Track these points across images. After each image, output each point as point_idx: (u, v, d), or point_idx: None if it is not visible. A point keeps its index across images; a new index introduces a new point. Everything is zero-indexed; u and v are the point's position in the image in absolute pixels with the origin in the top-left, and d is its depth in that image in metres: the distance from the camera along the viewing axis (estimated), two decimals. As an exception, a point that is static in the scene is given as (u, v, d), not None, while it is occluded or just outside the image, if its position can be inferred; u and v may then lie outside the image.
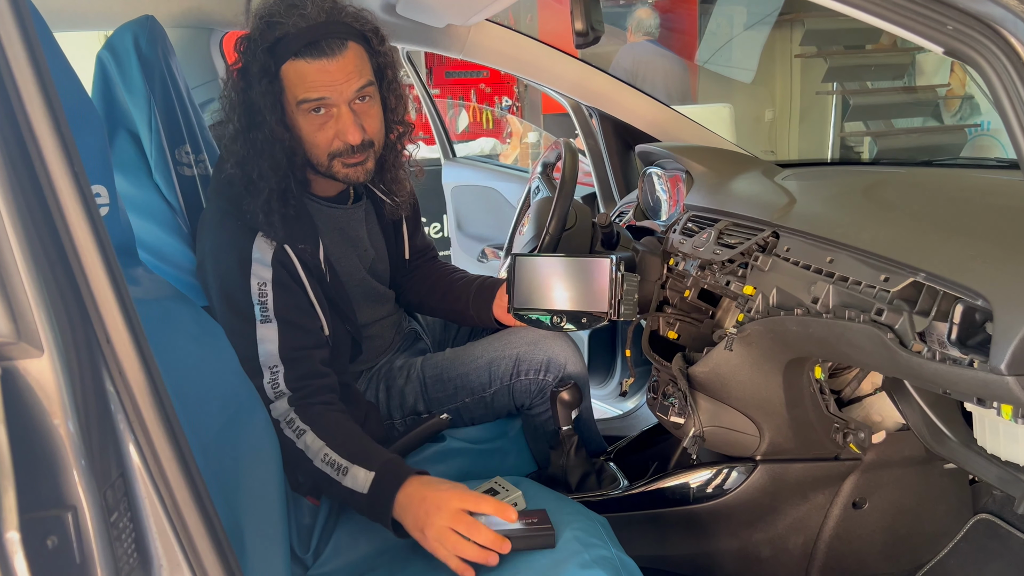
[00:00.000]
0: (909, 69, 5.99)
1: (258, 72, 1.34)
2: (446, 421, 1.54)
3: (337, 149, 1.41)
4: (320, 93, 1.36)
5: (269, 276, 1.38)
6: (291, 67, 1.36)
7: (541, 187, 2.00)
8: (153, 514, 0.68)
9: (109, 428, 0.66)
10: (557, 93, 2.31)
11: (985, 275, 0.95)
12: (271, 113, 1.35)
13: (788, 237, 1.32)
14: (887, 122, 5.96)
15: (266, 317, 1.37)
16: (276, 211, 1.38)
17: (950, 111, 5.80)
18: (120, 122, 1.51)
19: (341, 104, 1.38)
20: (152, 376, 0.68)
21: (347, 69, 1.37)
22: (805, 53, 6.22)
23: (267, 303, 1.37)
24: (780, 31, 6.57)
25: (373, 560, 1.29)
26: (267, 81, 1.34)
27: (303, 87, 1.36)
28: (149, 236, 1.50)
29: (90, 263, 0.65)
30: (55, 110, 0.64)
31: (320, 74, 1.35)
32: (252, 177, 1.37)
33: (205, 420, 1.10)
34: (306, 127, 1.40)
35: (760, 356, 1.36)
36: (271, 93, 1.35)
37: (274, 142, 1.37)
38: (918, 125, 5.94)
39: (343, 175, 1.45)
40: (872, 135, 5.93)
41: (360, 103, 1.41)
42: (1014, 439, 1.18)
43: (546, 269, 1.49)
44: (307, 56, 1.34)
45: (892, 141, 5.80)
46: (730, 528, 1.55)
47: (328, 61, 1.35)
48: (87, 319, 0.65)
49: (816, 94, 6.33)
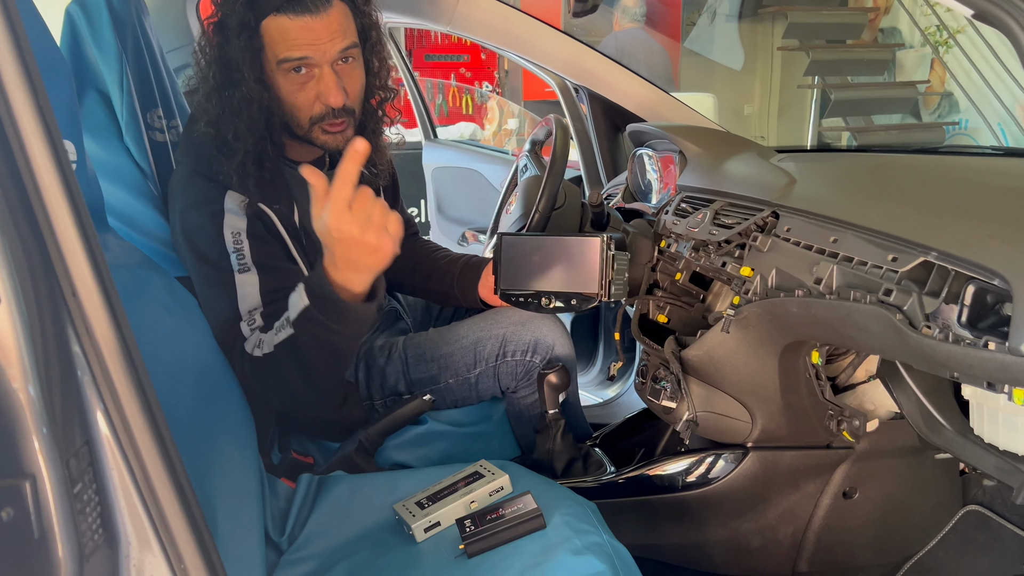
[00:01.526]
0: (890, 65, 6.01)
1: (236, 27, 1.27)
2: (428, 403, 1.49)
3: (319, 113, 1.35)
4: (302, 52, 1.30)
5: (243, 226, 1.32)
6: (272, 23, 1.29)
7: (529, 165, 1.94)
8: (122, 487, 0.62)
9: (73, 391, 0.59)
10: (545, 72, 2.26)
11: (1003, 254, 0.91)
12: (249, 70, 1.29)
13: (789, 217, 1.28)
14: (866, 118, 5.98)
15: (244, 266, 1.31)
16: (251, 173, 1.32)
17: (929, 108, 5.84)
18: (89, 81, 1.43)
19: (324, 64, 1.32)
20: (123, 335, 0.61)
21: (332, 28, 1.30)
22: (787, 46, 6.22)
23: (243, 251, 1.31)
24: (763, 24, 6.56)
25: (352, 545, 1.23)
26: (246, 36, 1.27)
27: (284, 44, 1.29)
28: (119, 202, 1.43)
29: (56, 210, 0.59)
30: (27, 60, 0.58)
31: (303, 31, 1.28)
32: (227, 137, 1.31)
33: (177, 395, 1.04)
34: (286, 87, 1.33)
35: (757, 339, 1.32)
36: (250, 49, 1.28)
37: (251, 101, 1.30)
38: (897, 121, 5.97)
39: (322, 142, 1.39)
40: (851, 130, 5.95)
41: (343, 64, 1.35)
42: (1013, 428, 1.16)
43: (534, 248, 1.44)
44: (290, 12, 1.28)
45: (871, 137, 5.82)
46: (719, 518, 1.52)
47: (312, 18, 1.28)
48: (51, 270, 0.59)
49: (797, 87, 6.34)
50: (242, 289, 1.30)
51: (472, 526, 1.14)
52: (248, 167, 1.31)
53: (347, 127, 1.39)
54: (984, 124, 5.22)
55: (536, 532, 1.13)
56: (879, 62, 5.99)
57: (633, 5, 5.26)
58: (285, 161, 1.45)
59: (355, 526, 1.26)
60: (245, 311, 1.30)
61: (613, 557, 1.08)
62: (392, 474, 1.38)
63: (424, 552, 1.16)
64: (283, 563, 1.20)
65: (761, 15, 6.38)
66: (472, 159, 3.08)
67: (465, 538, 1.12)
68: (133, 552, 0.63)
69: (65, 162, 0.60)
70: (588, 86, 2.15)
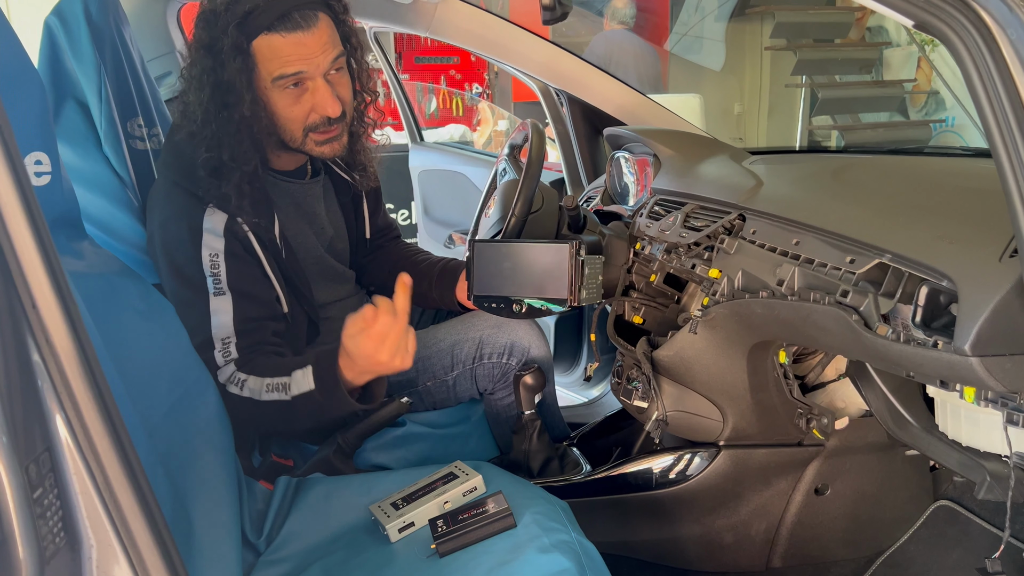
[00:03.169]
0: (877, 64, 6.04)
1: (229, 49, 1.28)
2: (406, 405, 1.50)
3: (313, 123, 1.37)
4: (297, 67, 1.32)
5: (221, 247, 1.34)
6: (264, 41, 1.30)
7: (508, 169, 1.96)
8: (83, 492, 0.64)
9: (33, 399, 0.62)
10: (526, 76, 2.28)
11: (951, 255, 0.94)
12: (247, 92, 1.30)
13: (754, 220, 1.30)
14: (854, 116, 6.01)
15: (219, 289, 1.33)
16: (247, 195, 1.35)
17: (916, 106, 5.87)
18: (68, 91, 1.45)
19: (317, 77, 1.34)
20: (83, 345, 0.63)
21: (322, 40, 1.33)
22: (775, 45, 6.25)
23: (220, 274, 1.34)
24: (751, 24, 6.59)
25: (328, 546, 1.25)
26: (240, 59, 1.29)
27: (278, 62, 1.31)
28: (97, 210, 1.44)
29: (14, 222, 0.61)
30: None
31: (296, 47, 1.31)
32: (223, 159, 1.32)
33: (153, 399, 1.06)
34: (281, 103, 1.35)
35: (725, 340, 1.34)
36: (244, 71, 1.30)
37: (250, 122, 1.32)
38: (884, 119, 6.00)
39: (318, 152, 1.42)
40: (839, 128, 5.98)
41: (335, 74, 1.37)
42: (975, 424, 1.18)
43: (506, 255, 1.46)
44: (281, 30, 1.30)
45: (859, 135, 5.85)
46: (693, 514, 1.54)
47: (304, 34, 1.31)
48: (10, 281, 0.61)
49: (785, 86, 6.37)
50: (216, 316, 1.33)
51: (444, 526, 1.16)
52: (243, 188, 1.34)
53: (341, 133, 1.42)
54: (970, 121, 5.26)
55: (506, 531, 1.15)
56: (866, 61, 6.02)
57: (623, 7, 5.28)
58: (268, 172, 1.47)
59: (331, 527, 1.28)
60: (218, 339, 1.33)
61: (580, 555, 1.10)
62: (369, 476, 1.40)
63: (397, 552, 1.18)
64: (260, 564, 1.22)
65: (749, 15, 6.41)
66: (457, 162, 3.10)
67: (437, 538, 1.14)
68: (95, 554, 0.65)
69: (24, 177, 0.62)
70: (567, 90, 2.18)
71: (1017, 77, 0.77)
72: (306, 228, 1.53)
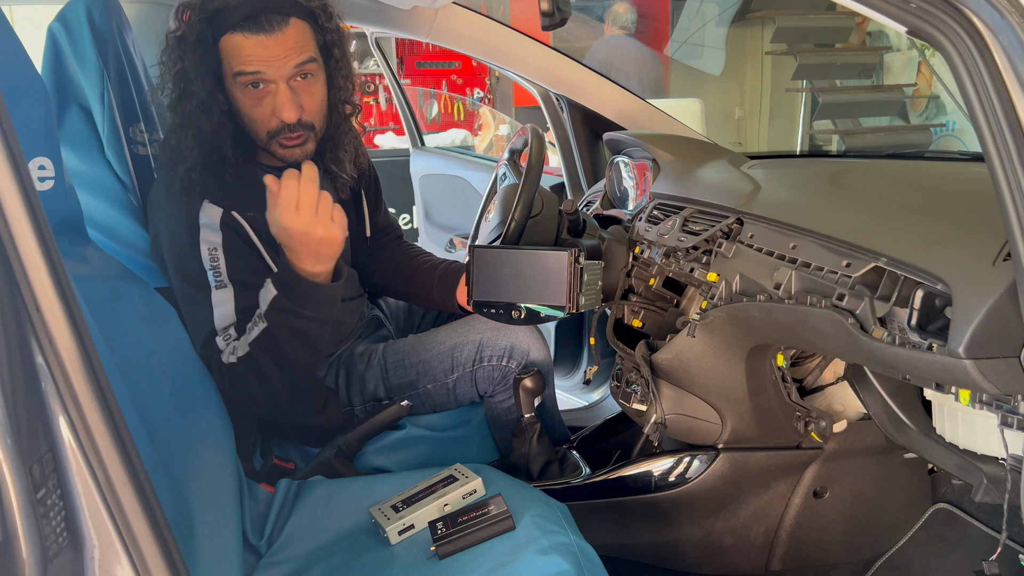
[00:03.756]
0: (877, 68, 6.06)
1: (194, 42, 1.32)
2: (406, 408, 1.51)
3: (275, 127, 1.39)
4: (256, 67, 1.34)
5: (219, 240, 1.37)
6: (228, 40, 1.34)
7: (508, 174, 1.97)
8: (85, 492, 0.65)
9: (37, 400, 0.63)
10: (526, 81, 2.29)
11: (945, 259, 0.95)
12: (202, 84, 1.34)
13: (752, 224, 1.31)
14: (855, 120, 6.03)
15: (220, 282, 1.36)
16: (219, 179, 1.38)
17: (916, 111, 5.88)
18: (71, 96, 1.46)
19: (279, 80, 1.36)
20: (86, 348, 0.64)
21: (286, 45, 1.34)
22: (775, 50, 6.26)
23: (220, 267, 1.36)
24: (751, 28, 6.61)
25: (329, 548, 1.26)
26: (202, 51, 1.33)
27: (239, 60, 1.34)
28: (100, 214, 1.46)
29: (18, 227, 0.62)
30: None
31: (257, 48, 1.33)
32: (179, 145, 1.37)
33: (155, 402, 1.07)
34: (243, 100, 1.38)
35: (723, 343, 1.35)
36: (205, 63, 1.34)
37: (202, 112, 1.35)
38: (885, 123, 6.01)
39: (281, 155, 1.43)
40: (840, 133, 5.99)
41: (300, 80, 1.39)
42: (971, 427, 1.19)
43: (505, 261, 1.46)
44: (245, 30, 1.33)
45: (859, 139, 5.86)
46: (692, 517, 1.55)
47: (266, 37, 1.33)
48: (15, 286, 0.62)
49: (786, 91, 6.38)
50: (218, 307, 1.35)
51: (444, 528, 1.17)
52: (219, 173, 1.37)
53: (306, 141, 1.43)
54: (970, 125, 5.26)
55: (505, 533, 1.16)
56: (867, 65, 6.04)
57: (624, 12, 5.30)
58: (259, 166, 1.48)
59: (332, 529, 1.29)
60: (221, 327, 1.35)
61: (579, 557, 1.11)
62: (369, 478, 1.41)
63: (397, 554, 1.19)
64: (261, 566, 1.23)
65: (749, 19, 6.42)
66: (458, 166, 3.12)
67: (436, 540, 1.15)
68: (98, 554, 0.66)
69: (28, 182, 0.63)
70: (566, 95, 2.19)
71: (1009, 82, 0.78)
72: None
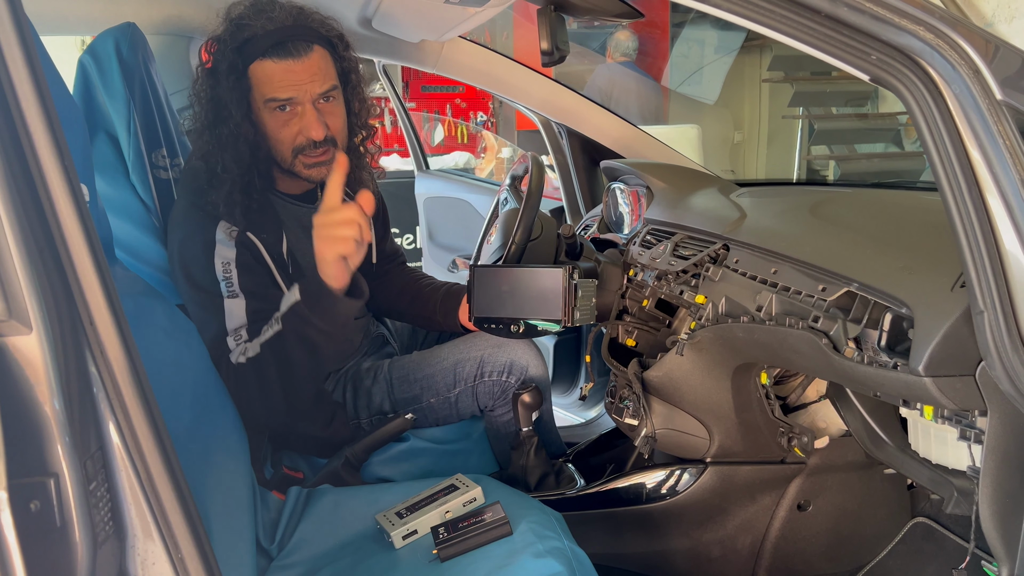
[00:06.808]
0: (872, 96, 6.17)
1: (226, 70, 1.42)
2: (410, 421, 1.59)
3: (300, 145, 1.48)
4: (288, 93, 1.44)
5: (233, 256, 1.45)
6: (259, 67, 1.43)
7: (509, 199, 2.06)
8: (129, 486, 0.73)
9: (90, 405, 0.71)
10: (528, 109, 2.39)
11: (910, 285, 1.03)
12: (237, 109, 1.43)
13: (737, 249, 1.40)
14: (850, 147, 6.13)
15: (232, 292, 1.44)
16: (238, 203, 1.45)
17: (910, 138, 5.98)
18: (100, 124, 1.56)
19: (306, 103, 1.46)
20: (132, 358, 0.73)
21: (312, 70, 1.44)
22: (772, 78, 6.38)
23: (232, 279, 1.45)
24: (749, 56, 6.73)
25: (336, 552, 1.33)
26: (234, 78, 1.42)
27: (270, 86, 1.43)
28: (125, 235, 1.55)
29: (76, 250, 0.70)
30: (49, 110, 0.70)
31: (286, 73, 1.43)
32: (216, 170, 1.45)
33: (176, 414, 1.14)
34: (271, 123, 1.47)
35: (710, 361, 1.43)
36: (238, 90, 1.43)
37: (238, 136, 1.44)
38: (880, 150, 6.11)
39: (306, 174, 1.52)
40: (835, 159, 6.09)
41: (324, 103, 1.48)
42: (943, 442, 1.26)
43: (503, 279, 1.55)
44: (274, 56, 1.42)
45: (854, 165, 5.96)
46: (681, 528, 1.62)
47: (294, 62, 1.42)
48: (72, 302, 0.70)
49: (782, 118, 6.49)
50: (230, 312, 1.44)
51: (445, 533, 1.25)
52: (235, 196, 1.45)
53: (330, 159, 1.51)
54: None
55: (503, 538, 1.23)
56: (862, 93, 6.15)
57: (626, 39, 5.42)
58: (276, 193, 1.58)
59: (340, 535, 1.36)
60: (232, 329, 1.44)
61: (572, 560, 1.18)
62: (375, 487, 1.49)
63: (401, 557, 1.26)
64: (273, 568, 1.30)
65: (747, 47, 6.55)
66: (461, 189, 3.21)
67: (438, 544, 1.23)
68: (138, 542, 0.74)
69: (83, 205, 0.71)
70: (565, 123, 2.28)
71: (961, 127, 0.86)
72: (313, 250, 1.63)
